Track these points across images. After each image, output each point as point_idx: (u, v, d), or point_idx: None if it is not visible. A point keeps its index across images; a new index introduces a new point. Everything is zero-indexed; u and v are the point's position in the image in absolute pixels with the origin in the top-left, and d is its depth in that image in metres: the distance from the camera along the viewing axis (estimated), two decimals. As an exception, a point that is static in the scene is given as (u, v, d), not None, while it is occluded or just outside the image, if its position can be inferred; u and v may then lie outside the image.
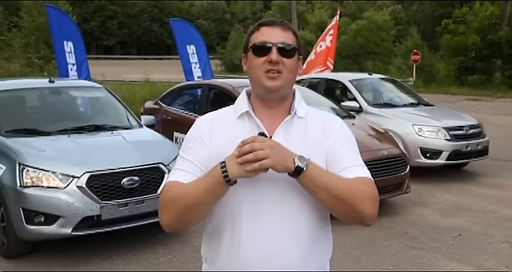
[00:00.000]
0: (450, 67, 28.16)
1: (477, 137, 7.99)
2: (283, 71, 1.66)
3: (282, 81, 1.66)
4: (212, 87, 7.46)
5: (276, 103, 1.72)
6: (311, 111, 1.78)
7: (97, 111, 6.32)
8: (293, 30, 1.74)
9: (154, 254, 4.87)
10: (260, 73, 1.67)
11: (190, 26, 11.29)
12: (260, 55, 1.67)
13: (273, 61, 1.65)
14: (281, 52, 1.66)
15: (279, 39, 1.67)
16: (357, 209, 1.59)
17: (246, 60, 1.74)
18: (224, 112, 1.79)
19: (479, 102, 20.35)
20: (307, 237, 1.67)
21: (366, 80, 9.35)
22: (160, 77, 23.86)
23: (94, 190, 4.53)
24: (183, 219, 1.64)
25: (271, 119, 1.71)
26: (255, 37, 1.70)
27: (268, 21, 1.74)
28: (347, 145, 1.72)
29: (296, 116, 1.72)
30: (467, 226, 5.75)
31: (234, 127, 1.71)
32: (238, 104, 1.76)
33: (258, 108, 1.73)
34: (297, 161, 1.54)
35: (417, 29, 33.11)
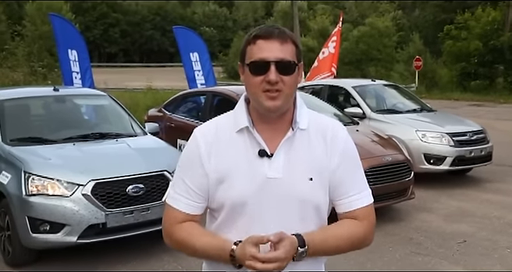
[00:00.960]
0: (453, 73, 28.16)
1: (481, 143, 7.98)
2: (283, 89, 1.58)
3: (281, 101, 1.59)
4: (216, 94, 7.48)
5: (277, 118, 1.66)
6: (313, 119, 1.71)
7: (102, 119, 6.34)
8: (291, 39, 1.62)
9: (160, 262, 4.87)
10: (258, 92, 1.59)
11: (193, 34, 11.34)
12: (257, 74, 1.58)
13: (272, 81, 1.56)
14: (280, 70, 1.57)
15: (277, 54, 1.57)
16: (357, 249, 1.72)
17: (243, 70, 1.66)
18: (223, 124, 1.71)
19: (482, 108, 20.32)
20: None
21: (369, 86, 9.36)
22: (162, 85, 23.91)
23: (99, 198, 4.54)
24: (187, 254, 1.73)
25: (272, 133, 1.65)
26: (251, 52, 1.60)
27: (264, 33, 1.60)
28: (350, 167, 1.70)
29: (298, 129, 1.66)
30: (472, 232, 5.73)
31: (233, 144, 1.66)
32: (237, 115, 1.69)
33: (258, 120, 1.66)
34: (297, 257, 1.55)
35: (419, 35, 33.16)
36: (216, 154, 1.65)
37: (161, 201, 4.80)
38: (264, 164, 1.63)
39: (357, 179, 1.71)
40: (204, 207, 1.71)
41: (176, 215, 1.69)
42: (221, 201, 1.65)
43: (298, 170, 1.63)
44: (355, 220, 1.67)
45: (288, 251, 1.51)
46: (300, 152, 1.65)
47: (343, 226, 1.67)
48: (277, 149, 1.64)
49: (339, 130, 1.72)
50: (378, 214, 1.78)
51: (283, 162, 1.63)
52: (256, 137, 1.64)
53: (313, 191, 1.64)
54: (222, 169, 1.64)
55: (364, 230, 1.68)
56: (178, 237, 1.67)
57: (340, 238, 1.65)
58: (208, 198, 1.68)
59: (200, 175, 1.66)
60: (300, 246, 1.55)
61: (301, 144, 1.66)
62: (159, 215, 4.72)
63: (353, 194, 1.68)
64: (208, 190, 1.67)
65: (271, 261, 1.48)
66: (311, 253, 1.58)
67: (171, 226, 1.69)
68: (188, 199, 1.69)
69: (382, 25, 35.07)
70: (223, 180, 1.64)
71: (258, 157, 1.63)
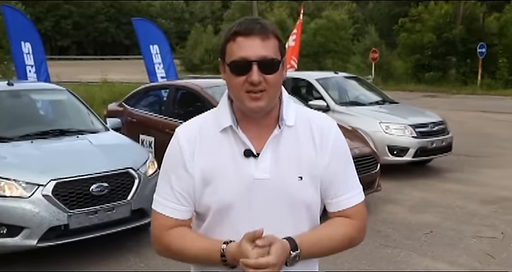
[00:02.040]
0: (407, 65, 28.82)
1: (441, 134, 8.14)
2: (267, 89, 1.49)
3: (266, 101, 1.51)
4: (180, 87, 7.31)
5: (262, 117, 1.57)
6: (300, 114, 1.62)
7: (61, 114, 6.08)
8: (273, 33, 1.52)
9: (126, 263, 4.70)
10: (241, 93, 1.50)
11: (153, 26, 11.06)
12: (239, 74, 1.49)
13: (254, 82, 1.47)
14: (262, 69, 1.47)
15: (260, 52, 1.47)
16: (350, 247, 1.67)
17: (224, 68, 1.56)
18: (205, 122, 1.62)
19: (436, 99, 20.84)
20: None
21: (332, 78, 9.38)
22: (118, 78, 23.44)
23: (60, 198, 4.33)
24: (179, 261, 1.67)
25: (258, 131, 1.57)
26: (231, 50, 1.50)
27: (244, 30, 1.49)
28: (341, 164, 1.62)
29: (285, 126, 1.57)
30: (437, 222, 5.82)
31: (218, 143, 1.57)
32: (220, 114, 1.60)
33: (242, 119, 1.58)
34: (289, 262, 1.49)
35: (374, 27, 33.72)
36: (200, 154, 1.57)
37: (126, 200, 4.64)
38: (251, 164, 1.54)
39: (348, 177, 1.64)
40: (192, 211, 1.62)
41: (165, 221, 1.61)
42: (207, 204, 1.57)
43: (287, 169, 1.55)
44: (348, 219, 1.61)
45: (280, 255, 1.43)
46: (288, 150, 1.56)
47: (336, 226, 1.61)
48: (263, 148, 1.55)
49: (328, 125, 1.63)
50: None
51: (270, 162, 1.55)
52: (241, 137, 1.55)
53: (303, 190, 1.56)
54: (207, 170, 1.55)
55: (357, 229, 1.63)
56: (167, 242, 1.60)
57: (334, 238, 1.59)
58: (194, 201, 1.60)
59: (184, 177, 1.57)
60: (293, 250, 1.48)
61: (289, 142, 1.57)
62: (124, 214, 4.64)
63: (345, 192, 1.61)
64: (194, 192, 1.58)
65: (262, 267, 1.40)
66: (304, 256, 1.52)
67: (160, 233, 1.61)
68: (175, 203, 1.60)
69: (338, 18, 35.46)
70: (208, 183, 1.55)
71: (244, 157, 1.54)
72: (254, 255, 1.41)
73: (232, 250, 1.47)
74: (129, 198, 4.66)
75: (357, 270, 4.58)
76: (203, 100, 6.69)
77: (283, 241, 1.47)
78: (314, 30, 34.48)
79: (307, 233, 1.57)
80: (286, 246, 1.47)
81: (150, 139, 6.99)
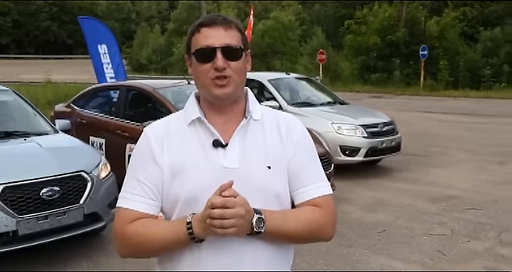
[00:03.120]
0: (354, 66, 29.49)
1: (391, 134, 8.34)
2: (232, 75, 1.55)
3: (231, 87, 1.56)
4: (131, 88, 7.14)
5: (229, 107, 1.61)
6: (266, 111, 1.69)
7: (6, 116, 5.77)
8: (236, 25, 1.60)
9: (78, 269, 4.55)
10: (207, 81, 1.55)
11: (101, 25, 10.79)
12: (204, 61, 1.55)
13: (219, 68, 1.53)
14: (226, 56, 1.54)
15: (223, 40, 1.54)
16: (317, 240, 1.65)
17: (190, 62, 1.61)
18: (173, 121, 1.66)
19: (382, 99, 21.40)
20: (271, 247, 1.59)
21: (283, 79, 9.44)
22: (62, 78, 22.78)
23: (8, 203, 4.14)
24: (144, 256, 1.65)
25: (225, 124, 1.60)
26: (196, 41, 1.56)
27: (208, 21, 1.57)
28: (307, 157, 1.65)
29: (251, 119, 1.62)
30: (390, 221, 5.94)
31: (186, 137, 1.60)
32: (188, 109, 1.65)
33: (210, 113, 1.61)
34: (255, 225, 1.47)
35: (321, 29, 34.26)
36: (168, 147, 1.59)
37: (78, 204, 4.49)
38: (219, 154, 1.56)
39: (314, 169, 1.66)
40: (159, 207, 1.59)
41: (128, 214, 1.56)
42: (175, 196, 1.55)
43: (255, 158, 1.57)
44: (315, 207, 1.60)
45: (245, 204, 1.43)
46: (256, 141, 1.60)
47: (302, 209, 1.60)
48: (231, 138, 1.58)
49: (294, 121, 1.69)
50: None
51: (239, 152, 1.57)
52: (209, 128, 1.59)
53: (272, 179, 1.58)
54: (175, 162, 1.56)
55: (324, 216, 1.60)
56: (129, 235, 1.54)
57: (299, 218, 1.57)
58: (162, 195, 1.57)
59: (153, 169, 1.57)
60: (256, 213, 1.47)
61: (256, 134, 1.61)
62: (77, 219, 4.48)
63: (311, 183, 1.62)
64: (162, 185, 1.56)
65: (229, 205, 1.40)
66: (270, 228, 1.50)
67: (122, 226, 1.55)
68: (142, 196, 1.57)
69: (285, 19, 35.80)
70: (177, 174, 1.55)
71: (213, 148, 1.57)
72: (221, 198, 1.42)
73: (199, 215, 1.46)
74: (82, 202, 4.51)
75: (314, 269, 4.61)
76: (155, 101, 6.57)
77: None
78: (262, 31, 34.68)
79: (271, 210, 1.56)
80: (250, 206, 1.46)
81: (100, 141, 6.79)
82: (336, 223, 1.65)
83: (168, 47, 40.15)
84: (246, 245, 1.54)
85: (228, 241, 1.51)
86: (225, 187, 1.43)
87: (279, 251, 1.61)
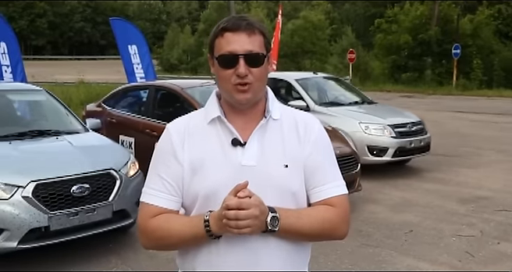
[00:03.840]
0: (384, 65, 29.16)
1: (420, 134, 8.24)
2: (253, 82, 1.58)
3: (252, 93, 1.59)
4: (160, 88, 7.25)
5: (249, 109, 1.65)
6: (285, 111, 1.71)
7: (39, 115, 5.98)
8: (260, 29, 1.61)
9: (107, 264, 4.65)
10: (229, 86, 1.59)
11: (131, 26, 10.98)
12: (226, 67, 1.57)
13: (241, 75, 1.55)
14: (249, 63, 1.56)
15: (246, 47, 1.56)
16: (331, 238, 1.67)
17: (213, 63, 1.63)
18: (194, 118, 1.70)
19: (413, 99, 21.13)
20: (288, 245, 1.62)
21: (311, 79, 9.42)
22: (95, 78, 23.22)
23: (41, 200, 4.26)
24: (165, 249, 1.75)
25: (244, 123, 1.64)
26: (220, 45, 1.59)
27: (232, 26, 1.58)
28: (323, 156, 1.68)
29: (271, 118, 1.65)
30: (418, 221, 5.88)
31: (206, 134, 1.64)
32: (208, 108, 1.68)
33: (230, 112, 1.65)
34: (269, 224, 1.50)
35: (351, 28, 33.98)
36: (189, 144, 1.63)
37: (107, 201, 4.59)
38: (238, 153, 1.61)
39: (330, 169, 1.68)
40: (179, 203, 1.65)
41: (151, 209, 1.63)
42: (195, 192, 1.60)
43: (272, 157, 1.61)
44: (329, 206, 1.63)
45: (260, 205, 1.47)
46: (274, 140, 1.63)
47: (317, 208, 1.63)
48: (250, 137, 1.62)
49: (311, 121, 1.71)
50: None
51: (257, 150, 1.61)
52: (228, 127, 1.62)
53: (289, 177, 1.61)
54: (196, 159, 1.61)
55: (338, 216, 1.62)
56: (152, 229, 1.60)
57: (313, 216, 1.60)
58: (183, 191, 1.63)
59: (174, 166, 1.62)
60: (271, 211, 1.51)
61: (274, 133, 1.65)
62: (106, 216, 4.58)
63: (325, 183, 1.64)
64: (182, 181, 1.62)
65: (244, 206, 1.44)
66: (284, 226, 1.53)
67: (145, 221, 1.62)
68: (164, 193, 1.63)
69: (315, 18, 35.62)
70: (197, 171, 1.60)
71: (231, 146, 1.61)
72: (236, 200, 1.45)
73: (216, 213, 1.50)
74: (111, 199, 4.61)
75: (339, 269, 4.60)
76: (182, 100, 6.66)
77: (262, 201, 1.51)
78: (291, 30, 34.62)
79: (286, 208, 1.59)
80: (264, 205, 1.50)
81: (130, 140, 6.92)
82: (349, 222, 1.67)
83: (198, 47, 40.47)
84: (262, 243, 1.57)
85: (244, 237, 1.54)
86: (240, 188, 1.47)
87: (295, 248, 1.63)
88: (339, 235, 1.66)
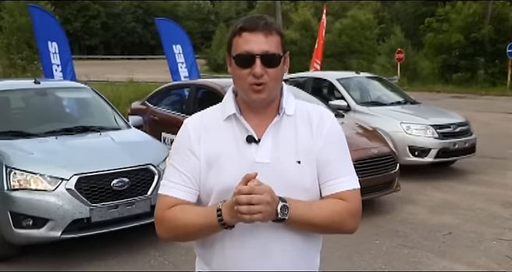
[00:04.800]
0: (434, 65, 28.45)
1: (464, 135, 8.04)
2: (268, 82, 1.61)
3: (266, 93, 1.63)
4: (200, 86, 7.40)
5: (264, 107, 1.69)
6: (300, 106, 1.74)
7: (85, 112, 6.24)
8: (277, 30, 1.64)
9: (145, 256, 4.81)
10: (245, 85, 1.62)
11: (176, 26, 11.20)
12: (243, 66, 1.61)
13: (257, 75, 1.59)
14: (265, 63, 1.59)
15: (263, 47, 1.59)
16: (340, 231, 1.68)
17: (230, 61, 1.67)
18: (211, 114, 1.75)
19: (463, 100, 20.54)
20: (299, 236, 1.66)
21: (353, 78, 9.35)
22: (144, 77, 23.74)
23: (83, 192, 4.46)
24: (181, 240, 1.78)
25: (259, 120, 1.68)
26: (237, 45, 1.62)
27: (250, 25, 1.61)
28: (335, 150, 1.70)
29: (285, 115, 1.68)
30: (458, 223, 5.77)
31: (222, 131, 1.68)
32: (225, 104, 1.72)
33: (245, 109, 1.69)
34: (280, 213, 1.53)
35: (400, 27, 33.36)
36: (205, 140, 1.68)
37: (146, 195, 4.75)
38: (252, 149, 1.65)
39: (342, 162, 1.70)
40: (196, 195, 1.69)
41: (168, 201, 1.67)
42: (210, 187, 1.65)
43: (286, 153, 1.64)
44: (340, 200, 1.65)
45: (271, 192, 1.49)
46: (287, 137, 1.67)
47: (327, 201, 1.66)
48: (264, 134, 1.65)
49: (325, 115, 1.73)
50: (364, 207, 1.76)
51: (271, 147, 1.64)
52: (243, 124, 1.66)
53: (301, 173, 1.64)
54: (211, 154, 1.65)
55: (348, 209, 1.64)
56: (168, 219, 1.64)
57: (324, 207, 1.62)
58: (199, 185, 1.67)
59: (191, 159, 1.67)
60: (282, 200, 1.54)
61: (288, 130, 1.68)
62: (144, 209, 4.74)
63: (337, 177, 1.66)
64: (199, 175, 1.66)
65: (255, 192, 1.47)
66: (294, 216, 1.55)
67: (162, 212, 1.67)
68: (181, 185, 1.67)
69: (363, 17, 35.17)
70: (212, 166, 1.65)
71: (246, 143, 1.65)
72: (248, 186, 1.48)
73: (228, 202, 1.53)
74: (149, 193, 4.76)
75: (372, 269, 4.59)
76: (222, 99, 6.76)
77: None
78: (339, 30, 34.30)
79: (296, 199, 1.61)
80: (275, 194, 1.52)
81: (171, 137, 7.09)
82: (359, 216, 1.69)
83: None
84: (273, 234, 1.61)
85: (256, 228, 1.59)
86: (249, 177, 1.50)
87: (306, 240, 1.67)
88: (348, 229, 1.68)
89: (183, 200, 1.66)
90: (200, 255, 1.77)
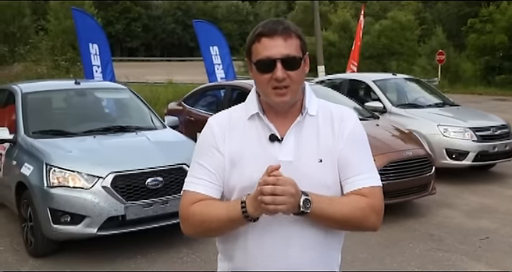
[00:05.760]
0: (476, 67, 27.74)
1: (505, 138, 7.83)
2: (290, 85, 1.63)
3: (289, 96, 1.65)
4: (235, 87, 7.47)
5: (286, 108, 1.71)
6: (322, 106, 1.76)
7: (122, 112, 6.39)
8: (295, 33, 1.65)
9: (178, 253, 4.89)
10: (267, 90, 1.64)
11: (213, 28, 11.33)
12: (265, 72, 1.63)
13: (279, 79, 1.61)
14: (286, 66, 1.61)
15: (283, 51, 1.61)
16: (361, 227, 1.69)
17: (251, 67, 1.69)
18: (235, 113, 1.77)
19: (507, 102, 19.96)
20: (320, 231, 1.67)
21: (390, 80, 9.24)
22: (183, 79, 24.04)
23: (118, 190, 4.57)
24: (206, 235, 1.81)
25: (282, 120, 1.70)
26: (257, 51, 1.64)
27: (268, 31, 1.63)
28: (357, 149, 1.71)
29: (307, 114, 1.70)
30: (495, 228, 5.64)
31: (246, 129, 1.71)
32: (248, 104, 1.75)
33: (268, 109, 1.72)
34: (302, 206, 1.54)
35: (442, 28, 32.68)
36: (230, 138, 1.71)
37: (179, 194, 4.79)
38: (275, 148, 1.67)
39: (363, 161, 1.71)
40: (220, 191, 1.72)
41: (193, 196, 1.70)
42: (233, 184, 1.69)
43: (308, 152, 1.67)
44: (362, 196, 1.66)
45: (293, 186, 1.51)
46: (309, 136, 1.69)
47: (349, 196, 1.67)
48: (287, 133, 1.68)
49: (347, 115, 1.75)
50: (398, 209, 1.77)
51: (293, 146, 1.67)
52: (267, 123, 1.69)
53: (323, 172, 1.67)
54: (235, 152, 1.69)
55: (370, 206, 1.65)
56: (192, 214, 1.67)
57: (345, 203, 1.64)
58: (223, 181, 1.70)
59: (216, 156, 1.70)
60: (304, 194, 1.55)
61: (310, 129, 1.70)
62: (177, 208, 4.77)
63: (359, 173, 1.68)
64: (223, 171, 1.69)
65: (280, 183, 1.48)
66: (316, 210, 1.57)
67: (186, 207, 1.69)
68: (205, 180, 1.70)
69: (404, 18, 34.59)
70: (236, 163, 1.68)
71: (269, 142, 1.68)
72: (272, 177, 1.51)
73: (252, 194, 1.55)
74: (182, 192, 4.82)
75: (404, 270, 4.53)
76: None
77: None
78: (378, 31, 33.84)
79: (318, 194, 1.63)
80: (298, 187, 1.54)
81: (206, 137, 7.17)
82: (382, 214, 1.69)
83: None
84: (295, 228, 1.64)
85: (278, 222, 1.62)
86: (271, 169, 1.53)
87: (327, 235, 1.69)
88: (370, 226, 1.68)
89: (208, 196, 1.69)
90: (222, 251, 1.81)
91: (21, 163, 4.92)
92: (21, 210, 4.98)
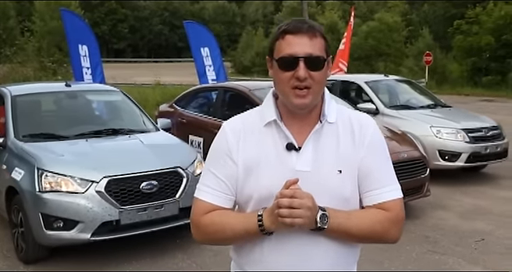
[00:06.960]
0: (463, 68, 27.96)
1: (496, 139, 7.87)
2: (312, 86, 1.56)
3: (310, 98, 1.58)
4: (228, 89, 7.41)
5: (305, 113, 1.64)
6: (341, 112, 1.69)
7: (114, 115, 6.29)
8: (321, 33, 1.60)
9: (173, 259, 4.82)
10: (287, 89, 1.58)
11: (203, 29, 11.28)
12: (286, 69, 1.56)
13: (301, 78, 1.54)
14: (309, 66, 1.55)
15: (307, 50, 1.55)
16: (381, 241, 1.66)
17: (271, 64, 1.64)
18: (250, 118, 1.71)
19: (494, 103, 20.12)
20: (337, 245, 1.63)
21: (382, 81, 9.23)
22: (171, 80, 23.93)
23: (112, 194, 4.49)
24: (217, 244, 1.78)
25: (300, 127, 1.64)
26: (280, 47, 1.58)
27: (293, 28, 1.58)
28: (378, 159, 1.66)
29: (326, 122, 1.64)
30: (490, 230, 5.64)
31: (262, 136, 1.65)
32: (265, 109, 1.69)
33: (286, 114, 1.65)
34: (319, 221, 1.51)
35: (428, 30, 32.92)
36: (244, 145, 1.65)
37: (174, 198, 4.75)
38: (293, 157, 1.61)
39: (384, 172, 1.66)
40: (233, 201, 1.68)
41: (205, 206, 1.66)
42: (249, 193, 1.63)
43: (327, 162, 1.61)
44: (382, 210, 1.61)
45: (310, 199, 1.48)
46: (328, 145, 1.62)
47: (368, 211, 1.63)
48: (305, 142, 1.62)
49: (367, 122, 1.69)
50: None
51: (312, 156, 1.61)
52: (284, 131, 1.63)
53: (342, 183, 1.61)
54: (250, 160, 1.62)
55: (390, 220, 1.60)
56: (205, 224, 1.64)
57: (364, 217, 1.60)
58: (236, 190, 1.65)
59: (229, 165, 1.64)
60: (321, 209, 1.52)
61: (329, 137, 1.64)
62: (173, 212, 4.75)
63: (379, 187, 1.63)
64: (236, 181, 1.64)
65: (297, 196, 1.46)
66: (333, 225, 1.53)
67: (198, 217, 1.66)
68: (217, 190, 1.65)
69: (391, 20, 34.77)
70: (251, 172, 1.62)
71: (286, 151, 1.62)
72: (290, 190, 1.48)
73: (269, 208, 1.52)
74: (178, 196, 4.77)
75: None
76: (251, 102, 6.75)
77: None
78: (365, 32, 33.98)
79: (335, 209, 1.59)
80: (315, 202, 1.51)
81: (199, 140, 7.12)
82: (402, 226, 1.65)
83: (271, 50, 40.48)
84: (311, 241, 1.58)
85: (295, 236, 1.57)
86: (291, 183, 1.49)
87: (344, 249, 1.64)
88: (390, 239, 1.64)
89: (220, 206, 1.65)
90: (236, 261, 1.75)
91: (11, 168, 4.81)
92: (11, 216, 4.87)
